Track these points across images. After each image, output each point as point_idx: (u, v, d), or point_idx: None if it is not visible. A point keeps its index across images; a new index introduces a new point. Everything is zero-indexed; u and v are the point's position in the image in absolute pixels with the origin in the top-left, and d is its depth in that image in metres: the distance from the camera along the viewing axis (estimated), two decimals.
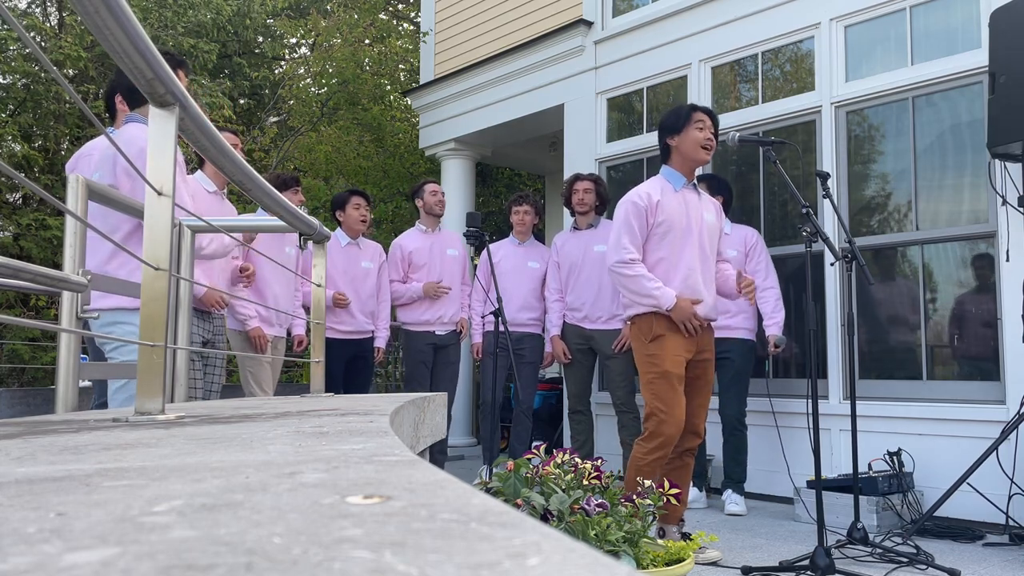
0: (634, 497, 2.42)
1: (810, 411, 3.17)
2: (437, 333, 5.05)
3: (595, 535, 2.16)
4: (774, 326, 4.46)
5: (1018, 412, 3.55)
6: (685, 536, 3.25)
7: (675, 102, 5.61)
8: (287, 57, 12.03)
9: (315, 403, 1.94)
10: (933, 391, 4.27)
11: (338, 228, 4.96)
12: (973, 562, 3.28)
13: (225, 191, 3.67)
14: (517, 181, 10.09)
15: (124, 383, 2.61)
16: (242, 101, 11.00)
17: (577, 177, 5.06)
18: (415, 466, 0.62)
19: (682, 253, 3.30)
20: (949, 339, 4.27)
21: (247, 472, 0.61)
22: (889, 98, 4.54)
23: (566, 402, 5.34)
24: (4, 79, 8.53)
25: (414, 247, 5.09)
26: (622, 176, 5.92)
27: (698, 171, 5.23)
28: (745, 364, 4.52)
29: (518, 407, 5.20)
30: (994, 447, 3.54)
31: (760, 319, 4.58)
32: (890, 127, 4.57)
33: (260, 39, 10.72)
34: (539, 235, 5.56)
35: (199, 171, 3.68)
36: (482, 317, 5.18)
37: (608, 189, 5.26)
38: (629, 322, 3.39)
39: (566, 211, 5.53)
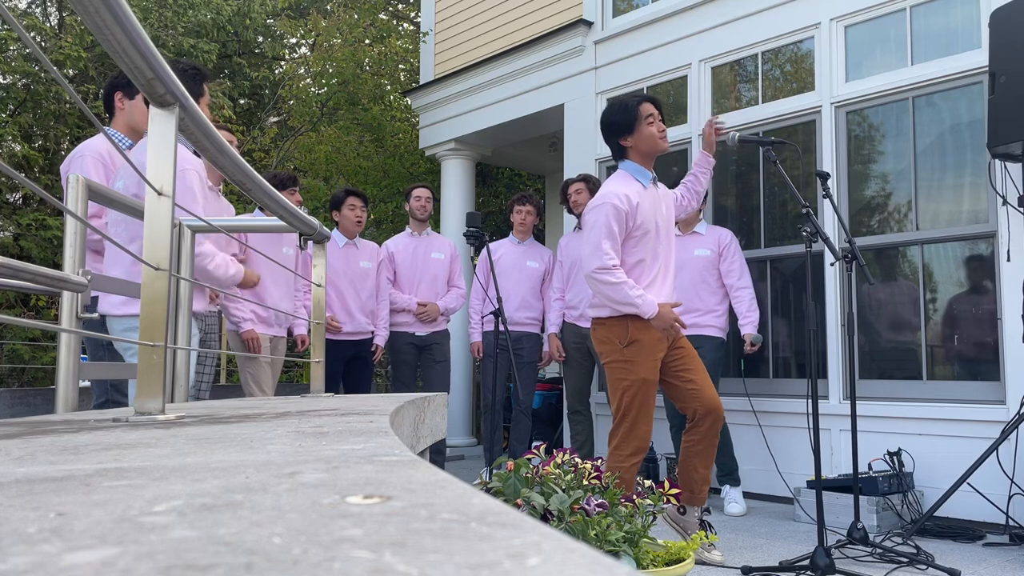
0: (634, 497, 2.42)
1: (810, 411, 3.17)
2: (417, 334, 5.06)
3: (595, 535, 2.16)
4: (749, 325, 4.49)
5: (1018, 412, 3.55)
6: (704, 523, 3.26)
7: (675, 102, 5.61)
8: (287, 57, 12.03)
9: (315, 403, 1.95)
10: (933, 391, 4.27)
11: (335, 228, 4.96)
12: (973, 562, 3.28)
13: (220, 188, 3.66)
14: (517, 181, 10.09)
15: None
16: (242, 101, 11.00)
17: (568, 182, 5.13)
18: (415, 466, 0.62)
19: (657, 254, 3.26)
20: (949, 339, 4.27)
21: (247, 472, 0.61)
22: (889, 98, 4.54)
23: (566, 402, 5.35)
24: (4, 79, 8.53)
25: (396, 249, 5.13)
26: None
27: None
28: (715, 361, 4.55)
29: (517, 407, 5.20)
30: (994, 447, 3.54)
31: (732, 318, 4.60)
32: (890, 127, 4.57)
33: (260, 39, 10.73)
34: (539, 235, 5.57)
35: None
36: (481, 317, 5.19)
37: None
38: (595, 323, 3.29)
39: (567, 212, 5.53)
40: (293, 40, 11.65)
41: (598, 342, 3.30)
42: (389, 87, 10.01)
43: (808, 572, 2.95)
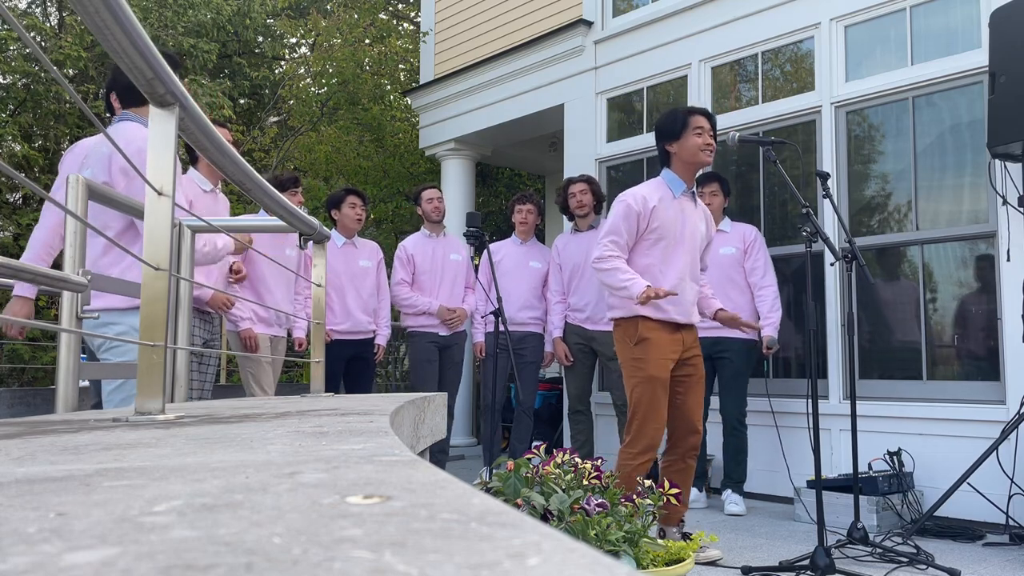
0: (634, 497, 2.42)
1: (810, 411, 3.17)
2: (441, 334, 5.06)
3: (595, 535, 2.16)
4: (769, 327, 4.44)
5: (1018, 412, 3.55)
6: (686, 536, 3.25)
7: (675, 102, 5.61)
8: (287, 57, 12.03)
9: (315, 403, 1.94)
10: (933, 391, 4.27)
11: (333, 228, 4.94)
12: (973, 562, 3.28)
13: (219, 187, 3.65)
14: (517, 181, 10.09)
15: (120, 383, 2.60)
16: (242, 101, 10.99)
17: (571, 181, 5.07)
18: (415, 466, 0.62)
19: (673, 262, 3.28)
20: (949, 339, 4.27)
21: (247, 472, 0.61)
22: (889, 98, 4.54)
23: (566, 402, 5.35)
24: (4, 79, 8.53)
25: (416, 250, 5.10)
26: (622, 176, 5.92)
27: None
28: (744, 364, 4.51)
29: (519, 407, 5.20)
30: (994, 447, 3.54)
31: (759, 318, 4.57)
32: (890, 127, 4.57)
33: (260, 39, 10.72)
34: (539, 235, 5.56)
35: (192, 169, 3.64)
36: (483, 317, 5.19)
37: (607, 189, 5.24)
38: (614, 324, 3.38)
39: None
40: (293, 40, 11.64)
41: (615, 342, 3.38)
42: (389, 87, 10.01)
43: (808, 572, 2.95)
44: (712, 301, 3.57)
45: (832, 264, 4.60)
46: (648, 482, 2.63)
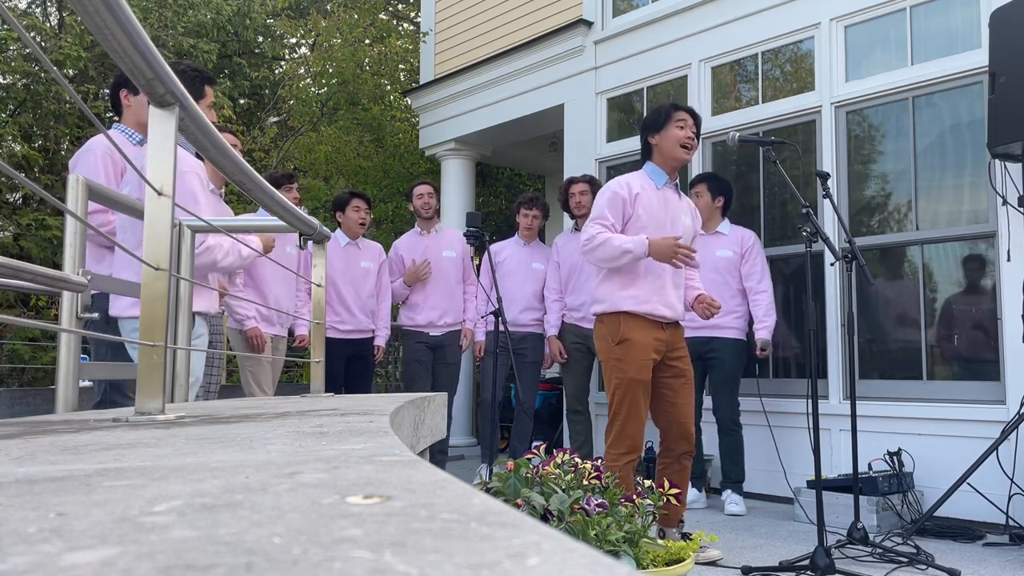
0: (634, 497, 2.42)
1: (810, 411, 3.17)
2: (431, 335, 5.05)
3: (595, 535, 2.16)
4: (764, 330, 4.45)
5: (1018, 412, 3.55)
6: (685, 536, 3.25)
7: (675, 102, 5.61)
8: (287, 57, 12.03)
9: (315, 403, 1.94)
10: (933, 391, 4.27)
11: (338, 229, 4.95)
12: (973, 562, 3.28)
13: (223, 190, 3.66)
14: (517, 181, 10.09)
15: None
16: (242, 101, 10.99)
17: (572, 180, 5.07)
18: (415, 466, 0.62)
19: None
20: (949, 339, 4.27)
21: (247, 472, 0.61)
22: (889, 98, 4.54)
23: (565, 402, 5.35)
24: (4, 79, 8.53)
25: (407, 250, 5.11)
26: None
27: (698, 170, 5.26)
28: (735, 364, 4.50)
29: (519, 407, 5.20)
30: (994, 447, 3.54)
31: (751, 320, 4.57)
32: (890, 127, 4.57)
33: (260, 39, 10.73)
34: (539, 234, 5.55)
35: None
36: (483, 317, 5.19)
37: None
38: (596, 319, 3.34)
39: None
40: (293, 40, 11.65)
41: (597, 339, 3.34)
42: (389, 87, 10.01)
43: (808, 572, 2.95)
44: (693, 292, 3.48)
45: (832, 264, 4.60)
46: (648, 482, 2.63)
